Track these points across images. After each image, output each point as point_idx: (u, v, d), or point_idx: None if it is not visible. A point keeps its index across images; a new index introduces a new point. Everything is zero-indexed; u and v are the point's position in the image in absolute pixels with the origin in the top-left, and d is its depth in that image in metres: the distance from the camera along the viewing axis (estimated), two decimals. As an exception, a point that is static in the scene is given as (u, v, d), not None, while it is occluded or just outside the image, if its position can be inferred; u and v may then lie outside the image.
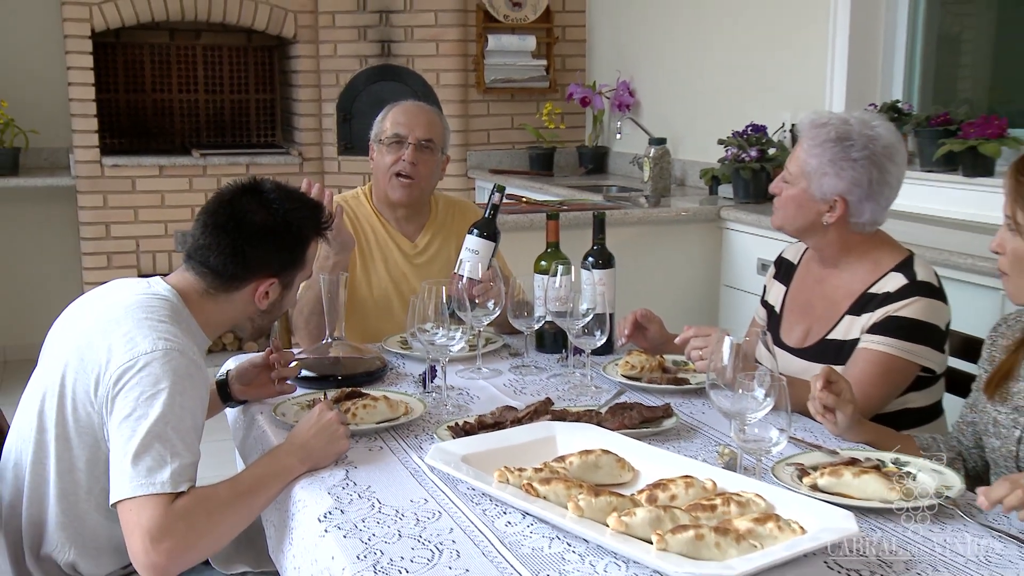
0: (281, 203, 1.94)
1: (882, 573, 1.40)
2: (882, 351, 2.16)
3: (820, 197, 2.23)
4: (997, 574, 1.41)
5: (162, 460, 1.66)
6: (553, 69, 5.86)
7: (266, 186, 1.97)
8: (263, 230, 1.91)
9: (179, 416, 1.71)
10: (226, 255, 1.89)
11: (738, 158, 4.18)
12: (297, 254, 1.98)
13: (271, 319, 2.05)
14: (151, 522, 1.63)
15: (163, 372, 1.71)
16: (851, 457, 1.76)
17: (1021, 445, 1.83)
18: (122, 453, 1.68)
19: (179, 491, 1.66)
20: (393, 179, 2.72)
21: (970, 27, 4.20)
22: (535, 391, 2.23)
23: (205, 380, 1.83)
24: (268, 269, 1.94)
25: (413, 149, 2.70)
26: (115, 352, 1.74)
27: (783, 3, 4.35)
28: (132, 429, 1.68)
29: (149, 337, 1.75)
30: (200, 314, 1.92)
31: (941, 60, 4.09)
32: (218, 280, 1.91)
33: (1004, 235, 1.79)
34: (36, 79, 5.43)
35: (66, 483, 1.82)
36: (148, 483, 1.65)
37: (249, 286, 1.93)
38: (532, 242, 2.65)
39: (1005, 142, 3.44)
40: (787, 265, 2.49)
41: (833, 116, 2.26)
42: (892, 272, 2.23)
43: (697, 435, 1.97)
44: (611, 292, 2.43)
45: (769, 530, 1.43)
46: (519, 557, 1.44)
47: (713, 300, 4.16)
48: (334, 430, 1.80)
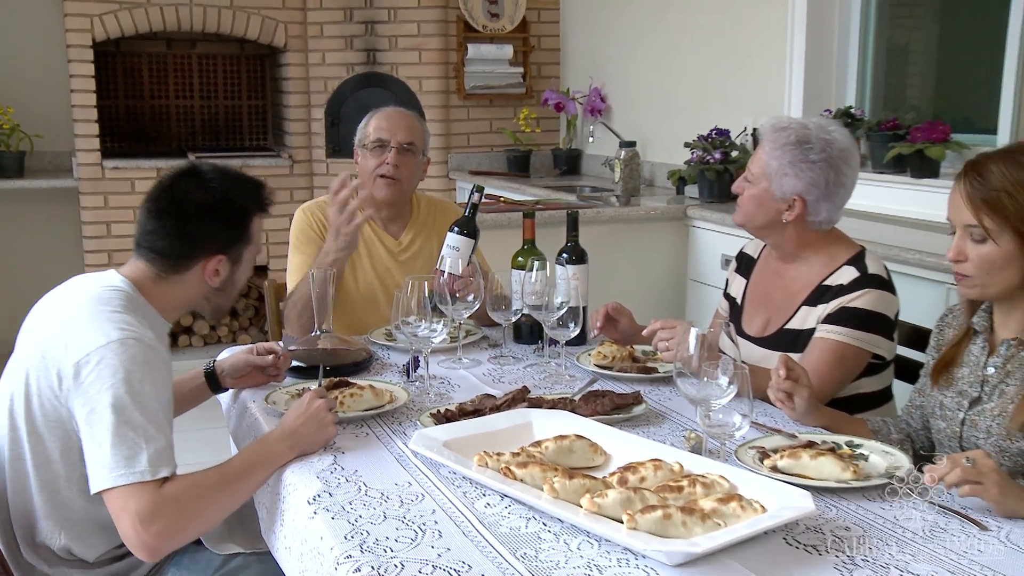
0: (219, 182, 1.89)
1: (837, 548, 1.41)
2: (836, 339, 2.16)
3: (780, 196, 2.23)
4: (941, 547, 1.42)
5: (136, 446, 1.64)
6: (529, 76, 5.86)
7: (204, 168, 1.92)
8: (204, 208, 1.86)
9: (142, 402, 1.67)
10: (171, 237, 1.85)
11: (703, 160, 4.18)
12: (240, 230, 1.92)
13: (227, 297, 1.98)
14: (141, 507, 1.61)
15: (119, 362, 1.67)
16: (808, 440, 1.76)
17: (964, 426, 1.85)
18: (96, 444, 1.65)
19: (160, 476, 1.63)
20: (378, 180, 2.71)
21: (917, 40, 4.22)
22: (513, 380, 2.22)
23: (165, 363, 1.78)
24: (214, 246, 1.88)
25: (395, 152, 2.70)
26: (71, 348, 1.71)
27: (745, 16, 4.35)
28: (101, 420, 1.65)
29: (102, 329, 1.71)
30: (155, 299, 1.87)
31: (890, 70, 4.11)
32: (167, 263, 1.87)
33: (961, 244, 1.77)
34: (40, 86, 5.39)
35: (45, 474, 1.78)
36: (128, 472, 1.62)
37: (198, 265, 1.88)
38: (509, 239, 2.64)
39: (949, 146, 3.48)
40: (747, 259, 2.49)
41: (793, 121, 2.27)
42: (845, 266, 2.24)
43: (665, 421, 1.97)
44: (584, 286, 2.42)
45: (732, 509, 1.43)
46: (498, 536, 1.44)
47: (680, 293, 4.16)
48: (322, 417, 1.78)
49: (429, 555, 1.38)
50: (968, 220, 1.74)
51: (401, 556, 1.38)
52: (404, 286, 2.09)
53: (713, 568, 1.34)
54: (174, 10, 5.40)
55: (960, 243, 1.77)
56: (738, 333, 2.33)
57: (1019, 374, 1.78)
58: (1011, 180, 1.70)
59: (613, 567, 1.35)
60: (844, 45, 4.07)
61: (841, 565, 1.36)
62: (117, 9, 5.28)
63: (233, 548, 1.94)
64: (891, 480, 1.59)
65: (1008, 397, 1.78)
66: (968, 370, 1.88)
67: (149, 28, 5.40)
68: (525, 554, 1.38)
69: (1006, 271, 1.74)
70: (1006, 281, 1.76)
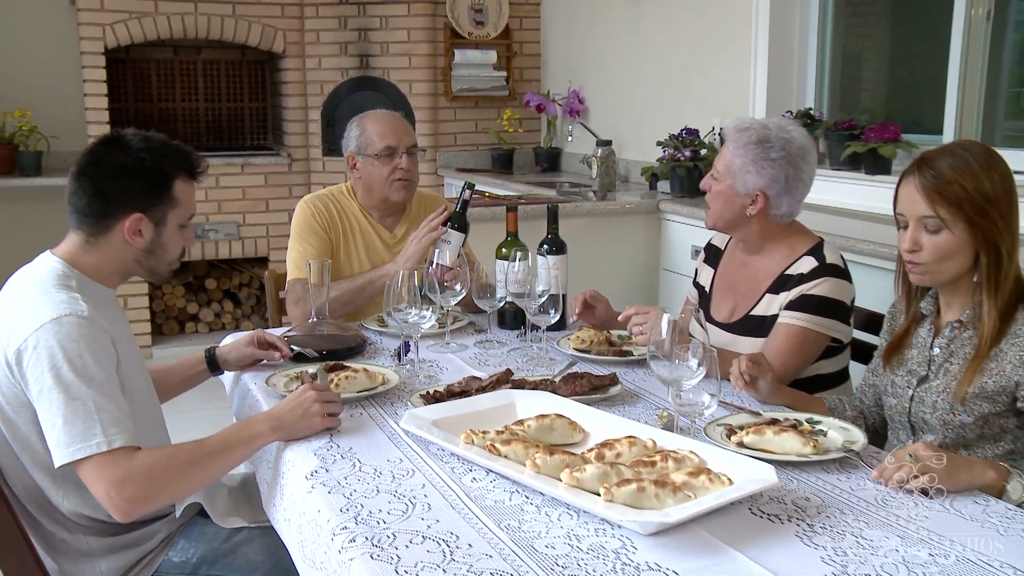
0: (139, 144, 1.81)
1: (798, 517, 1.41)
2: (798, 325, 2.16)
3: (744, 192, 2.23)
4: (892, 514, 1.42)
5: (89, 419, 1.60)
6: (512, 80, 5.84)
7: (127, 134, 1.84)
8: (120, 168, 1.79)
9: (88, 375, 1.63)
10: (88, 195, 1.78)
11: (674, 158, 4.18)
12: (160, 190, 1.81)
13: (159, 260, 1.87)
14: (113, 475, 1.59)
15: (56, 341, 1.63)
16: (772, 418, 1.76)
17: (913, 402, 1.86)
18: (50, 424, 1.61)
19: (116, 446, 1.59)
20: (395, 184, 2.70)
21: (869, 47, 4.23)
22: (497, 363, 2.21)
23: (106, 332, 1.70)
24: (131, 204, 1.79)
25: (407, 157, 2.70)
26: (12, 336, 1.66)
27: (713, 24, 4.35)
28: (50, 400, 1.61)
29: (36, 312, 1.66)
30: (89, 270, 1.80)
31: (846, 75, 4.12)
32: (88, 222, 1.79)
33: (916, 234, 1.76)
34: (56, 91, 5.34)
35: (31, 454, 1.74)
36: (85, 445, 1.59)
37: (118, 225, 1.79)
38: (494, 232, 2.63)
39: (900, 145, 3.49)
40: (715, 251, 2.49)
41: (754, 121, 2.26)
42: (805, 256, 2.24)
43: (639, 400, 1.97)
44: (564, 275, 2.42)
45: (702, 482, 1.42)
46: (483, 509, 1.43)
47: (653, 282, 4.16)
48: (308, 407, 1.73)
49: (419, 526, 1.37)
50: (924, 211, 1.75)
51: (393, 527, 1.37)
52: (396, 276, 2.08)
53: (684, 537, 1.34)
54: (180, 19, 5.39)
55: (915, 234, 1.77)
56: (707, 319, 2.33)
57: (961, 353, 1.80)
58: (961, 173, 1.72)
59: (591, 536, 1.34)
60: (804, 51, 4.07)
61: (802, 533, 1.36)
62: (127, 18, 5.27)
63: (238, 522, 1.93)
64: (847, 454, 1.60)
65: (952, 374, 1.80)
66: (916, 351, 1.89)
67: (157, 36, 5.38)
68: (509, 525, 1.38)
69: (957, 258, 1.75)
70: (957, 267, 1.77)
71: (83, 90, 5.26)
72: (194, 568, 1.85)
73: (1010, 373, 1.71)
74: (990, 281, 1.73)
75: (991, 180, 1.72)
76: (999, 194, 1.72)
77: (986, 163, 1.74)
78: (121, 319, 1.89)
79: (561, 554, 1.29)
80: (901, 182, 1.80)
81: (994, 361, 1.73)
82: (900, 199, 1.80)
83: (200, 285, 5.77)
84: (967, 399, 1.75)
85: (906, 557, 1.29)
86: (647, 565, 1.26)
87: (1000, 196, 1.72)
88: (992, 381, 1.73)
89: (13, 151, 5.17)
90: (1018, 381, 1.71)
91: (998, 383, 1.72)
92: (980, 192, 1.71)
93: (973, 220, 1.71)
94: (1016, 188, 1.77)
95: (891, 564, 1.27)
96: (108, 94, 5.31)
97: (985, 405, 1.74)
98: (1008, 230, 1.73)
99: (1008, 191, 1.75)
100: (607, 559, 1.28)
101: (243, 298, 5.91)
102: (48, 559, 1.78)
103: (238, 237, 5.67)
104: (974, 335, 1.79)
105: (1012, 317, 1.74)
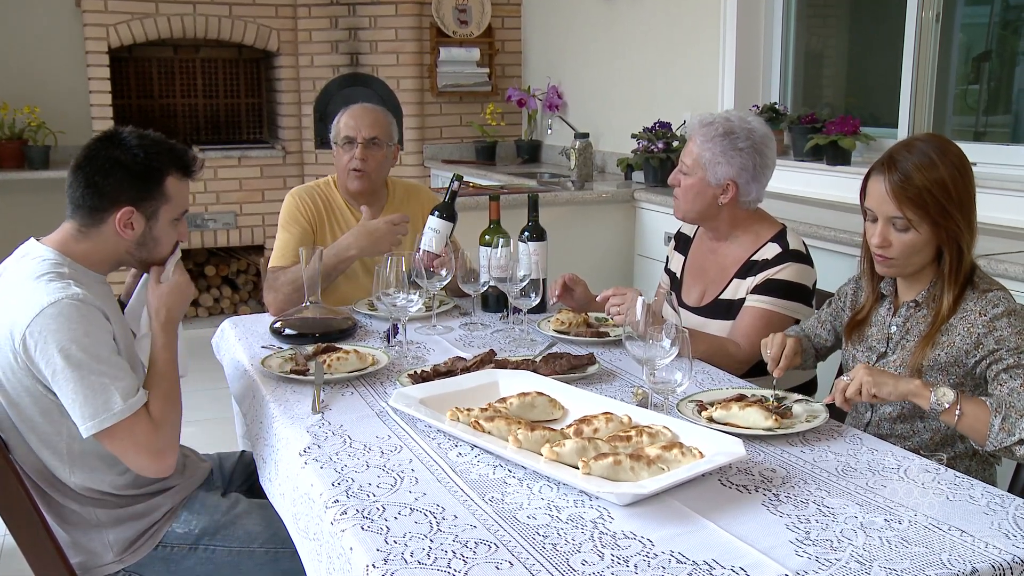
0: (134, 141, 1.78)
1: (764, 487, 1.41)
2: (763, 308, 2.16)
3: (715, 183, 2.22)
4: (852, 484, 1.43)
5: (107, 390, 1.61)
6: (494, 76, 5.81)
7: (124, 132, 1.81)
8: (113, 162, 1.76)
9: (95, 352, 1.62)
10: (83, 187, 1.76)
11: (648, 149, 4.17)
12: (152, 184, 1.78)
13: (150, 253, 1.83)
14: (141, 437, 1.65)
15: (58, 324, 1.61)
16: (739, 394, 1.76)
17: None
18: (71, 400, 1.62)
19: (138, 409, 1.64)
20: (350, 173, 2.66)
21: (830, 46, 4.23)
22: (481, 344, 2.20)
23: (96, 310, 1.67)
24: (124, 198, 1.76)
25: (361, 147, 2.63)
26: (15, 327, 1.63)
27: (683, 23, 4.33)
28: (66, 379, 1.61)
29: (34, 299, 1.64)
30: (81, 258, 1.77)
31: (808, 71, 4.12)
32: (82, 213, 1.77)
33: (886, 231, 1.77)
34: (63, 88, 5.29)
35: (38, 435, 1.72)
36: (109, 415, 1.61)
37: (110, 217, 1.76)
38: (477, 220, 2.61)
39: (859, 137, 3.50)
40: (684, 239, 2.48)
41: (716, 116, 2.25)
42: (769, 243, 2.23)
43: (616, 379, 1.96)
44: (544, 261, 2.40)
45: (674, 456, 1.42)
46: (468, 482, 1.42)
47: (628, 267, 4.16)
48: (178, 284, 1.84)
49: (407, 499, 1.36)
50: (893, 212, 1.76)
51: (382, 500, 1.36)
52: (383, 262, 2.06)
53: (658, 507, 1.33)
54: (180, 20, 5.35)
55: (885, 231, 1.78)
56: (679, 303, 2.32)
57: (916, 331, 1.82)
58: (930, 179, 1.72)
59: (570, 507, 1.33)
60: (769, 49, 4.06)
61: (768, 502, 1.36)
62: (130, 19, 5.23)
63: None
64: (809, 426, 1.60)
65: (907, 350, 1.81)
66: (876, 329, 1.90)
67: (158, 35, 5.35)
68: (493, 497, 1.37)
69: (923, 253, 1.78)
70: (922, 261, 1.80)
71: (88, 87, 5.22)
72: (196, 539, 1.83)
73: (959, 344, 1.74)
74: (951, 273, 1.76)
75: (954, 180, 1.73)
76: (961, 195, 1.74)
77: (952, 163, 1.74)
78: (111, 299, 1.85)
79: (542, 524, 1.28)
80: (870, 177, 1.80)
81: (945, 335, 1.76)
82: (869, 194, 1.80)
83: (200, 272, 5.73)
84: (923, 371, 1.76)
85: (864, 523, 1.29)
86: (623, 534, 1.26)
87: (962, 194, 1.74)
88: (944, 353, 1.75)
89: (22, 145, 5.13)
90: (967, 349, 1.73)
91: (950, 354, 1.75)
92: (945, 195, 1.72)
93: (937, 221, 1.74)
94: (975, 183, 1.78)
95: (850, 530, 1.27)
96: (112, 91, 5.28)
97: (939, 376, 1.76)
98: (968, 227, 1.76)
99: (968, 187, 1.76)
100: (585, 528, 1.27)
101: (240, 284, 5.87)
102: (60, 531, 1.76)
103: (235, 226, 5.63)
104: (928, 313, 1.81)
105: (963, 296, 1.77)
